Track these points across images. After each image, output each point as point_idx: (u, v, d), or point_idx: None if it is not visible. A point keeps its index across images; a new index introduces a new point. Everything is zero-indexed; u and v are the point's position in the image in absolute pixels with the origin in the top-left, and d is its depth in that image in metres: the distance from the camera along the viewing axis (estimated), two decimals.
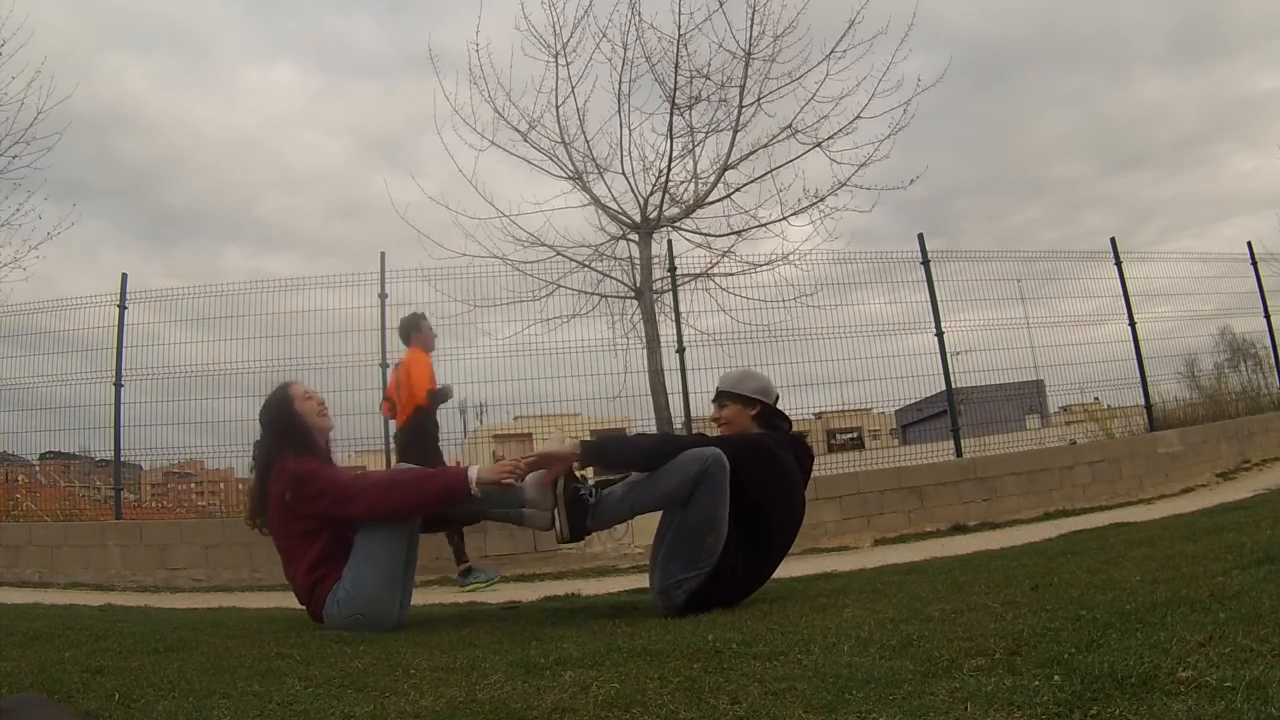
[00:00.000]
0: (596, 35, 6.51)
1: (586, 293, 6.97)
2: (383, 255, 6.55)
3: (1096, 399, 8.17)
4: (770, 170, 6.71)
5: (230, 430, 6.24)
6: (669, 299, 6.80)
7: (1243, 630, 1.25)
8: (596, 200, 6.93)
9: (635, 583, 3.76)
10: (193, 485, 9.57)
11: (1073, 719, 0.99)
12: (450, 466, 2.75)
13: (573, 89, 6.58)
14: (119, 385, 6.37)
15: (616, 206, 6.91)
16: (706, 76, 6.60)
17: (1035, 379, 7.51)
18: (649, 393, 6.56)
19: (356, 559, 2.35)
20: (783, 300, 6.69)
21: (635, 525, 4.91)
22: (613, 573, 5.12)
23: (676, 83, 6.52)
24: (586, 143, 6.74)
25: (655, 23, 6.47)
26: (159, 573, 5.66)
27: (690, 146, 6.80)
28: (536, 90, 6.63)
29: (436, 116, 8.24)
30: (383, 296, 6.48)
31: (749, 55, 6.53)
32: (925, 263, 6.91)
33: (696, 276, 6.98)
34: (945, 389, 6.81)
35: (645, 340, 6.68)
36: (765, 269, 6.90)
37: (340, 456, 5.92)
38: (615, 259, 7.08)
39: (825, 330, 6.62)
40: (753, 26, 6.45)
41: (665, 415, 6.42)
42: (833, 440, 8.81)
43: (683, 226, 6.99)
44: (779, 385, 2.72)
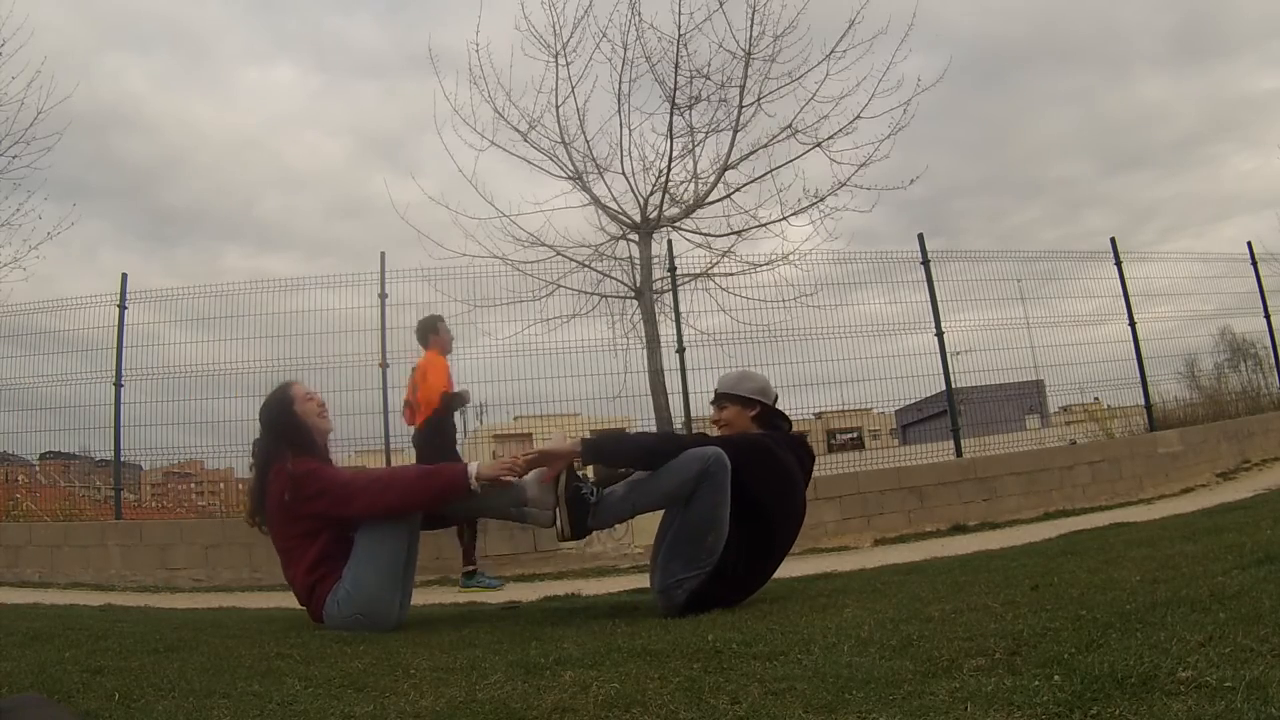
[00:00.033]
0: (596, 35, 6.52)
1: (586, 293, 6.98)
2: (383, 255, 6.57)
3: (1096, 399, 8.18)
4: (770, 170, 6.72)
5: (230, 430, 6.26)
6: (669, 299, 6.80)
7: (1243, 630, 1.25)
8: (596, 200, 6.93)
9: (635, 583, 3.76)
10: (193, 485, 9.57)
11: (1073, 719, 0.99)
12: (449, 463, 2.75)
13: (573, 89, 6.59)
14: (119, 385, 6.37)
15: (616, 206, 6.92)
16: (706, 76, 6.60)
17: (1035, 379, 7.51)
18: (649, 393, 6.56)
19: (357, 559, 2.35)
20: (783, 300, 6.70)
21: (635, 525, 4.91)
22: (613, 573, 5.12)
23: (676, 83, 6.53)
24: (586, 143, 6.76)
25: (655, 23, 6.49)
26: (159, 573, 5.66)
27: (690, 146, 6.81)
28: (536, 90, 6.64)
29: (436, 116, 8.27)
30: (383, 296, 6.48)
31: (749, 55, 6.54)
32: (925, 263, 6.91)
33: (696, 276, 6.98)
34: (945, 389, 6.81)
35: (645, 340, 6.68)
36: (765, 269, 6.91)
37: (340, 456, 5.93)
38: (615, 259, 7.09)
39: (825, 330, 6.63)
40: (753, 26, 6.47)
41: (665, 415, 6.42)
42: (833, 440, 8.81)
43: (683, 226, 7.00)
44: (779, 385, 2.73)
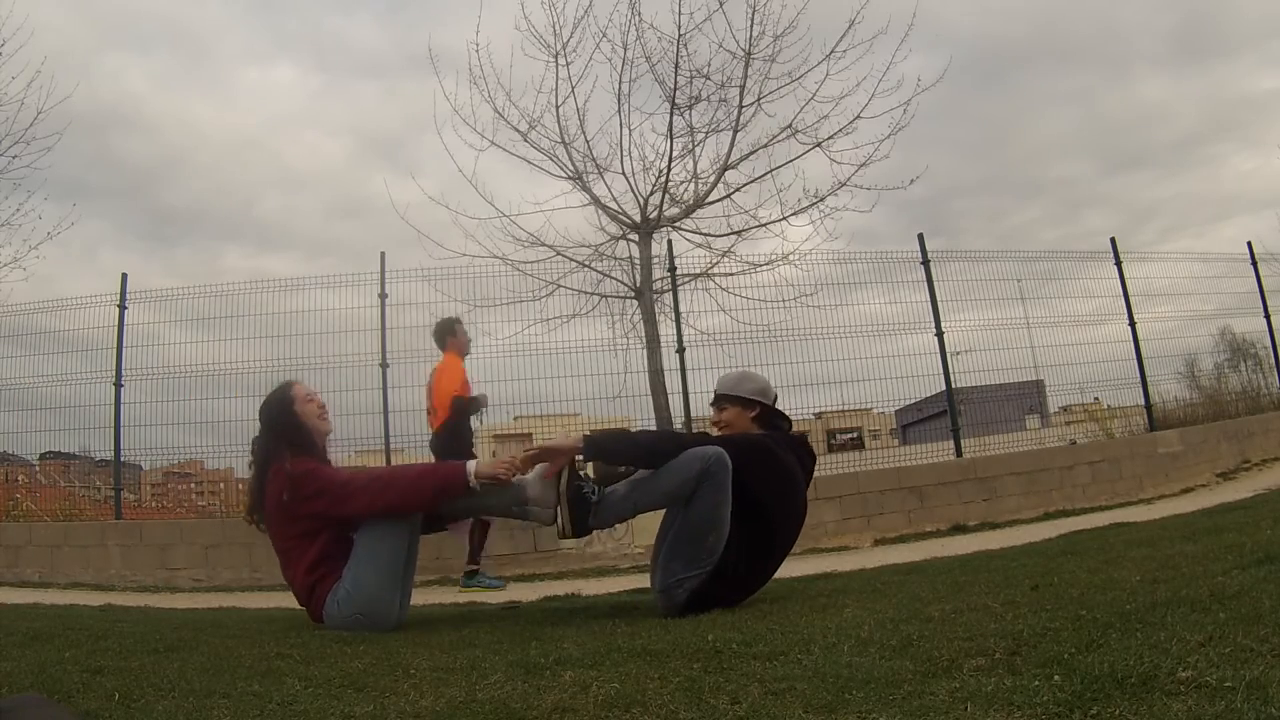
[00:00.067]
0: (596, 35, 6.53)
1: (586, 293, 6.98)
2: (383, 255, 6.57)
3: (1096, 399, 8.18)
4: (770, 170, 6.73)
5: (230, 430, 6.26)
6: (669, 299, 6.80)
7: (1243, 630, 1.25)
8: (596, 200, 6.94)
9: (635, 583, 3.76)
10: (193, 485, 9.57)
11: (1073, 719, 0.99)
12: (448, 462, 2.75)
13: (573, 89, 6.60)
14: (119, 385, 6.37)
15: (616, 206, 6.92)
16: (706, 76, 6.61)
17: (1035, 379, 7.51)
18: (649, 393, 6.56)
19: (357, 558, 2.35)
20: (783, 300, 6.71)
21: (635, 525, 4.91)
22: (613, 573, 5.12)
23: (676, 83, 6.54)
24: (586, 143, 6.76)
25: (655, 23, 6.49)
26: (159, 573, 5.66)
27: (690, 146, 6.82)
28: (536, 90, 6.65)
29: (436, 116, 8.26)
30: (383, 296, 6.49)
31: (749, 55, 6.54)
32: (925, 263, 6.92)
33: (696, 276, 6.98)
34: (945, 389, 6.81)
35: (645, 340, 6.68)
36: (765, 269, 6.92)
37: (340, 456, 5.93)
38: (615, 259, 7.09)
39: (825, 330, 6.63)
40: (753, 26, 6.48)
41: (665, 415, 6.42)
42: (833, 440, 8.81)
43: (683, 226, 7.00)
44: (778, 385, 2.73)
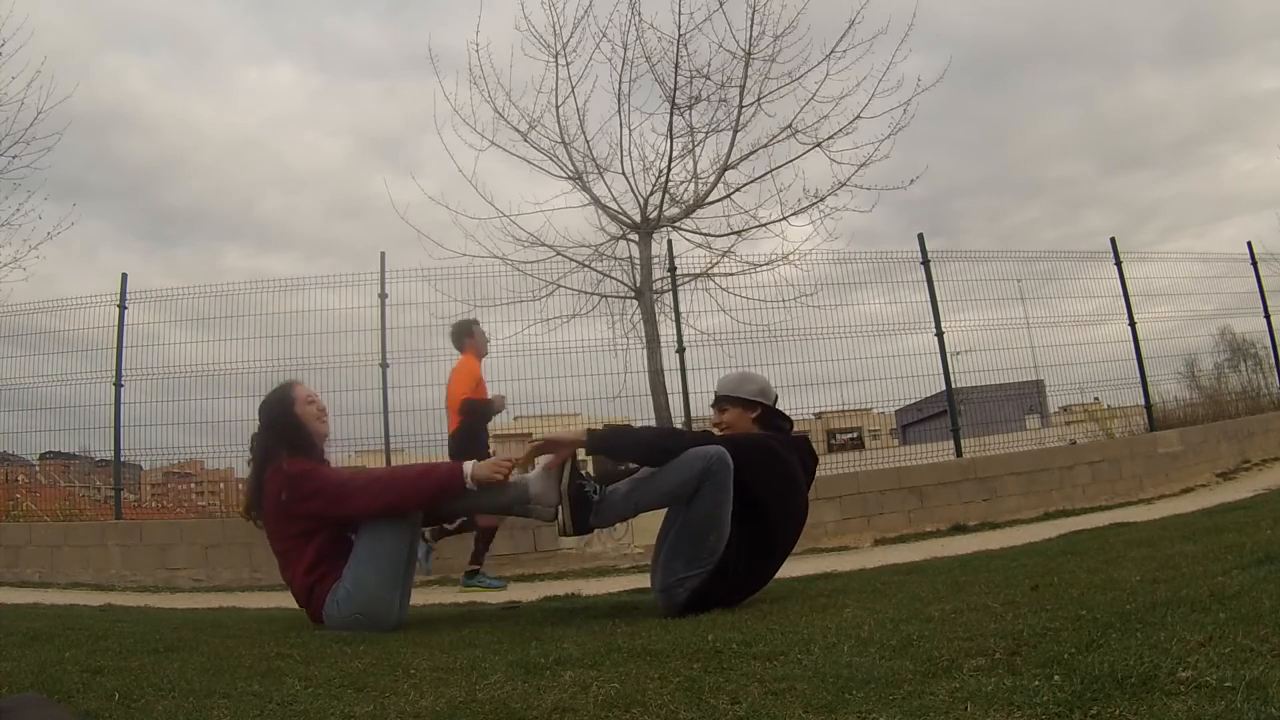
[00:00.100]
0: (596, 35, 6.53)
1: (586, 293, 6.98)
2: (383, 255, 6.58)
3: (1096, 399, 8.18)
4: (770, 170, 6.73)
5: (230, 430, 6.26)
6: (669, 299, 6.80)
7: (1243, 630, 1.25)
8: (596, 200, 6.94)
9: (635, 583, 3.76)
10: (193, 485, 9.57)
11: (1073, 719, 0.99)
12: (445, 462, 2.75)
13: (573, 89, 6.60)
14: (119, 385, 6.37)
15: (616, 206, 6.92)
16: (706, 76, 6.61)
17: (1035, 379, 7.51)
18: (649, 393, 6.56)
19: (357, 558, 2.35)
20: (783, 300, 6.71)
21: (635, 525, 4.91)
22: (613, 573, 5.12)
23: (676, 83, 6.54)
24: (586, 143, 6.77)
25: (655, 23, 6.50)
26: (159, 573, 5.66)
27: (690, 146, 6.82)
28: (536, 90, 6.65)
29: (436, 116, 8.29)
30: (383, 296, 6.49)
31: (749, 55, 6.54)
32: (925, 263, 6.92)
33: (696, 276, 6.99)
34: (945, 389, 6.81)
35: (645, 340, 6.68)
36: (765, 269, 6.92)
37: (340, 456, 5.93)
38: (615, 259, 7.09)
39: (825, 330, 6.63)
40: (753, 26, 6.48)
41: (665, 415, 6.42)
42: (833, 440, 8.81)
43: (683, 226, 7.00)
44: (779, 385, 2.73)
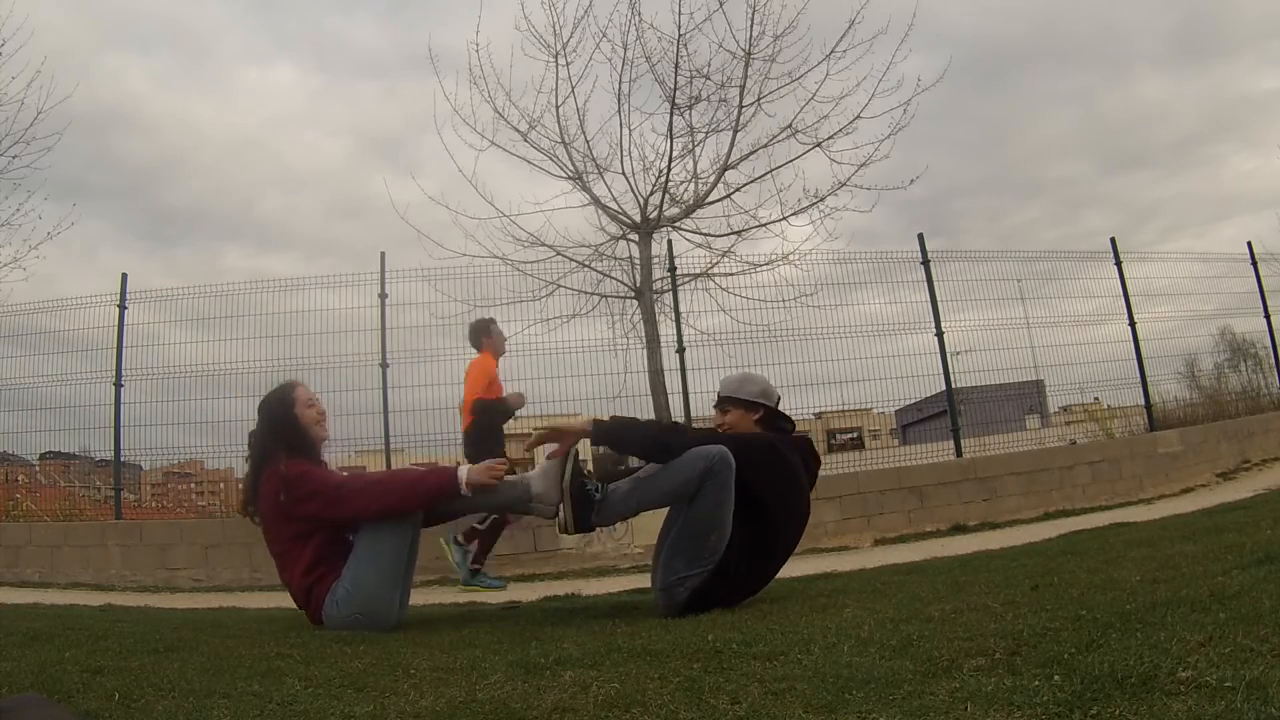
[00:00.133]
0: (596, 35, 6.54)
1: (586, 293, 6.99)
2: (383, 255, 6.58)
3: (1096, 399, 8.18)
4: (770, 170, 6.74)
5: (230, 430, 6.27)
6: (669, 299, 6.81)
7: (1243, 630, 1.25)
8: (596, 200, 6.94)
9: (635, 583, 3.77)
10: (193, 485, 9.57)
11: (1073, 719, 0.99)
12: (441, 466, 2.76)
13: (573, 89, 6.60)
14: (119, 385, 6.38)
15: (616, 206, 6.92)
16: (706, 76, 6.61)
17: (1035, 379, 7.52)
18: (649, 393, 6.56)
19: (358, 558, 2.36)
20: (783, 300, 6.71)
21: (636, 525, 4.91)
22: (613, 573, 5.12)
23: (676, 83, 6.54)
24: (586, 143, 6.77)
25: (655, 23, 6.50)
26: (159, 573, 5.66)
27: (690, 146, 6.82)
28: (536, 90, 6.66)
29: (436, 116, 8.32)
30: (383, 296, 6.50)
31: (749, 55, 6.54)
32: (925, 263, 6.92)
33: (696, 276, 6.99)
34: (945, 389, 6.82)
35: (645, 340, 6.68)
36: (765, 269, 6.92)
37: (340, 456, 5.93)
38: (615, 259, 7.10)
39: (825, 330, 6.64)
40: (753, 26, 6.48)
41: (665, 416, 6.42)
42: (833, 440, 8.81)
43: (683, 226, 7.00)
44: (779, 385, 2.73)
